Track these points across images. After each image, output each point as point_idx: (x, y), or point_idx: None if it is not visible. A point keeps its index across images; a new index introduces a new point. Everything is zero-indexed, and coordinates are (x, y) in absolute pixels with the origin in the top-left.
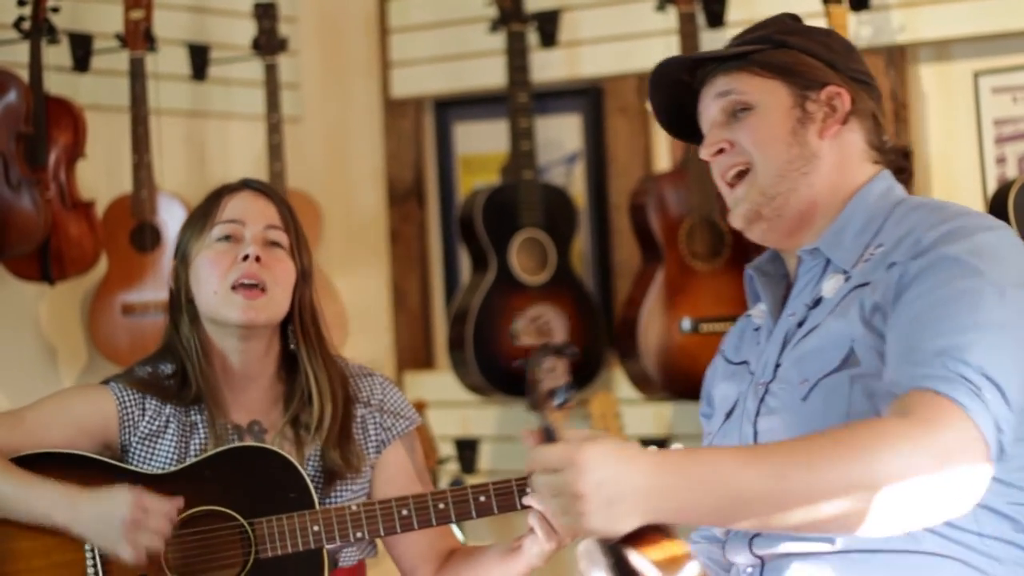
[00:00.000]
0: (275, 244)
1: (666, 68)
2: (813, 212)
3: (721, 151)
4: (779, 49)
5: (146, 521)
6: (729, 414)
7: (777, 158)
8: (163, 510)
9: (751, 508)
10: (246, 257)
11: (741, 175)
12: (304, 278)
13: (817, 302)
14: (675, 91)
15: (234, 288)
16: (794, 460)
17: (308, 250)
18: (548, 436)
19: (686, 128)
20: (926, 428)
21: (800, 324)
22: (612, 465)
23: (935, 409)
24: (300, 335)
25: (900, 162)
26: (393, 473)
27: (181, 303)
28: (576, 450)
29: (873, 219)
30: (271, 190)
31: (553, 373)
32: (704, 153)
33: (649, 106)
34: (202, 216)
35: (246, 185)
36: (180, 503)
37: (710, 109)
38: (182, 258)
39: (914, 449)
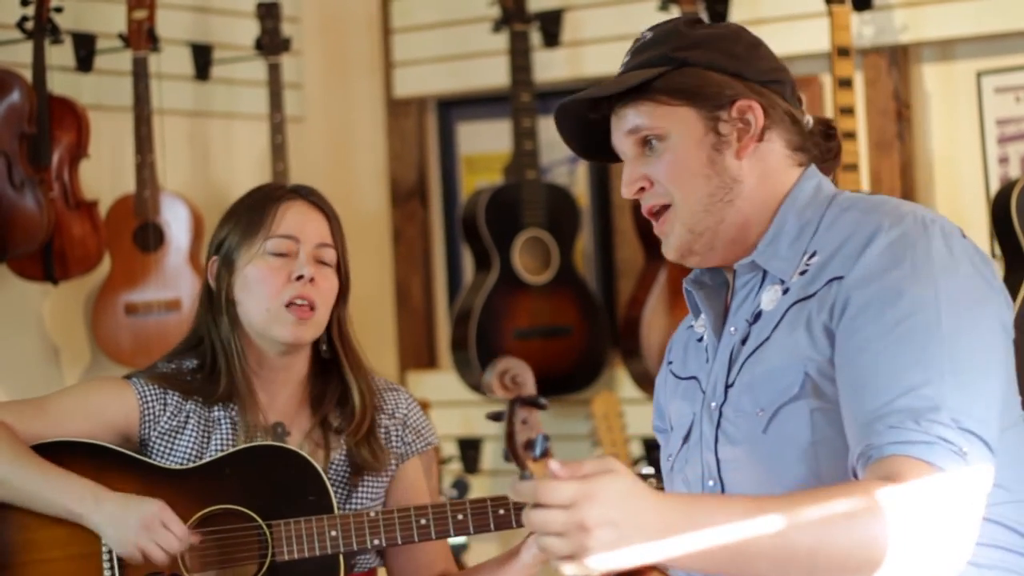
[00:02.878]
0: (324, 263)
1: (568, 107)
2: (746, 232)
3: (642, 189)
4: (680, 69)
5: (159, 532)
6: (686, 437)
7: (698, 193)
8: (180, 533)
9: (752, 563)
10: (300, 277)
11: (665, 209)
12: (343, 292)
13: (757, 316)
14: (585, 122)
15: (287, 306)
16: (799, 519)
17: (347, 262)
18: None
19: (603, 150)
20: (917, 494)
21: (744, 341)
22: (624, 502)
23: (919, 474)
24: (341, 346)
25: (826, 143)
26: (407, 487)
27: (222, 304)
28: (591, 484)
29: (807, 224)
30: (324, 202)
31: (527, 425)
32: (625, 193)
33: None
34: (253, 222)
35: (301, 195)
36: (197, 540)
37: (623, 143)
38: (226, 260)
39: (909, 513)
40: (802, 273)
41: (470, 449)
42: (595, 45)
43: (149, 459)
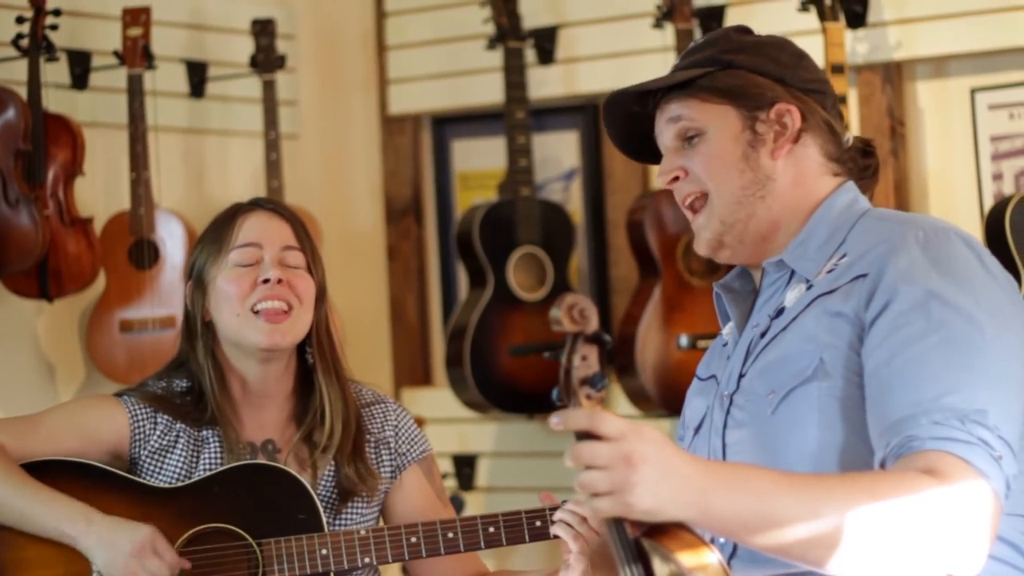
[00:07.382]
0: (292, 266)
1: (617, 99)
2: (775, 231)
3: (676, 179)
4: (726, 71)
5: (150, 561)
6: (698, 429)
7: (731, 185)
8: (171, 561)
9: (776, 532)
10: (266, 280)
11: (700, 201)
12: (321, 294)
13: (779, 312)
14: (631, 117)
15: (255, 312)
16: (829, 496)
17: (322, 266)
18: None
19: (645, 150)
20: (952, 490)
21: (763, 335)
22: (665, 448)
23: (959, 472)
24: (316, 351)
25: (863, 160)
26: (412, 494)
27: (197, 328)
28: (639, 425)
29: (837, 231)
30: (284, 209)
31: (586, 362)
32: (659, 181)
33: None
34: (217, 240)
35: (259, 205)
36: (187, 565)
37: (664, 134)
38: (197, 282)
39: (941, 506)
40: (829, 272)
41: (465, 466)
42: (590, 62)
43: (139, 478)
